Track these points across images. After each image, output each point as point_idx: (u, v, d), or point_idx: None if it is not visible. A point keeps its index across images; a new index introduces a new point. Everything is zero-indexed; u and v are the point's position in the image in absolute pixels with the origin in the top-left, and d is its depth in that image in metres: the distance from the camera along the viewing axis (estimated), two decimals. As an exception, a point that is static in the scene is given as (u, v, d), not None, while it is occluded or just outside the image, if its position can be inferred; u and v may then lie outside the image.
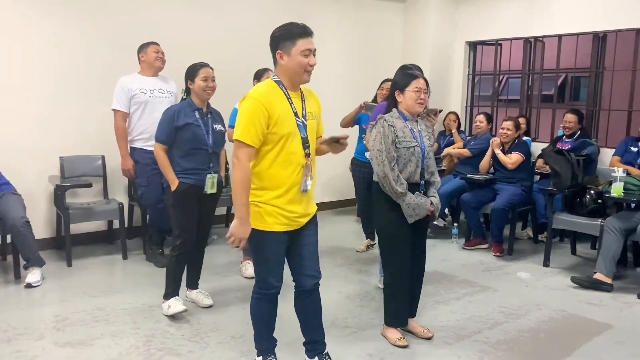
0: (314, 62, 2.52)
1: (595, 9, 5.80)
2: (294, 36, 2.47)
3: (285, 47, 2.49)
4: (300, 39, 2.47)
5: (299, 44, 2.47)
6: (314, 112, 2.67)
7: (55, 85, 4.87)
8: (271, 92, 2.53)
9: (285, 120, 2.50)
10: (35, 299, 3.89)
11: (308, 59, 2.49)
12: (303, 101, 2.62)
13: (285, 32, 2.50)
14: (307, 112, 2.61)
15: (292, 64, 2.50)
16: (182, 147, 3.51)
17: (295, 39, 2.47)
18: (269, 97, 2.49)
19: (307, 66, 2.50)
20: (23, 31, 4.69)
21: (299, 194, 2.58)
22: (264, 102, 2.46)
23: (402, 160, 3.09)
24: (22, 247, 4.09)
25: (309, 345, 2.88)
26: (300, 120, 2.56)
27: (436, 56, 7.05)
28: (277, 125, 2.48)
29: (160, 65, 4.54)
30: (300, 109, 2.59)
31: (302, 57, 2.48)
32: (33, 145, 4.80)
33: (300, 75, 2.52)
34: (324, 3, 6.55)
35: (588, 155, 5.11)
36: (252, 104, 2.46)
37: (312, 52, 2.51)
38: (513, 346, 3.28)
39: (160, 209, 4.43)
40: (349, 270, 4.59)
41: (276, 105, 2.49)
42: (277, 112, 2.48)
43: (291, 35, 2.48)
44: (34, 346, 3.14)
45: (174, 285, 3.59)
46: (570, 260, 5.02)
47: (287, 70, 2.53)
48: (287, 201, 2.56)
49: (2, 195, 4.18)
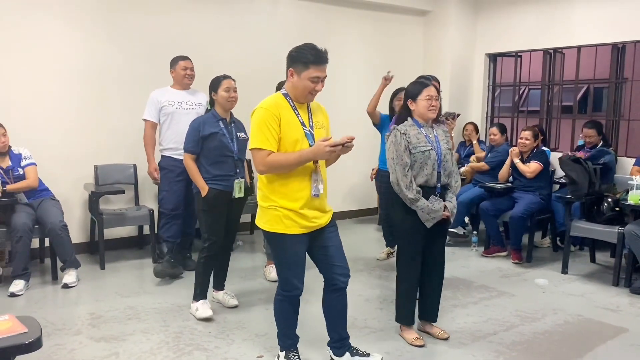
0: (320, 88, 2.69)
1: (614, 20, 5.88)
2: (308, 62, 2.63)
3: (297, 68, 2.65)
4: (313, 66, 2.63)
5: (310, 70, 2.63)
6: (322, 122, 2.84)
7: (90, 98, 5.15)
8: (279, 102, 2.72)
9: (293, 128, 2.68)
10: (72, 298, 4.13)
11: (315, 84, 2.66)
12: (310, 113, 2.79)
13: (300, 54, 2.65)
14: (314, 122, 2.78)
15: (300, 85, 2.67)
16: (210, 155, 3.72)
17: (308, 65, 2.63)
18: (277, 106, 2.68)
19: (312, 90, 2.68)
20: (61, 45, 5.00)
21: (311, 199, 2.73)
22: (273, 110, 2.65)
23: (418, 164, 3.23)
24: (59, 249, 4.35)
25: (337, 342, 3.01)
26: (307, 129, 2.72)
27: (456, 68, 7.18)
28: (285, 131, 2.66)
29: (188, 82, 4.73)
30: (307, 119, 2.76)
31: (310, 82, 2.65)
32: (70, 154, 5.08)
33: (304, 96, 2.71)
34: (346, 18, 6.76)
35: (605, 164, 5.18)
36: (262, 112, 2.66)
37: (322, 79, 2.68)
38: (527, 347, 3.37)
39: (176, 215, 4.60)
40: (370, 275, 4.73)
41: (284, 114, 2.67)
42: (285, 120, 2.66)
43: (305, 60, 2.64)
44: (71, 340, 3.36)
45: (202, 286, 3.78)
46: (589, 268, 5.07)
47: (294, 88, 2.72)
48: (301, 205, 2.71)
49: (42, 201, 4.45)
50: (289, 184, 2.70)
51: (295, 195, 2.71)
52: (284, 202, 2.71)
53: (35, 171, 4.43)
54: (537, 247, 5.64)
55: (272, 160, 2.63)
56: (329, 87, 2.98)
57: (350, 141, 2.60)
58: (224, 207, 3.74)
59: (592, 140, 5.57)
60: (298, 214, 2.71)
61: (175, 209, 4.60)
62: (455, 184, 3.40)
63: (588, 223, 4.80)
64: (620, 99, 6.34)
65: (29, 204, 4.39)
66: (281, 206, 2.71)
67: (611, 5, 5.90)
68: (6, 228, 4.27)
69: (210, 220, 3.73)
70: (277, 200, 2.72)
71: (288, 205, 2.71)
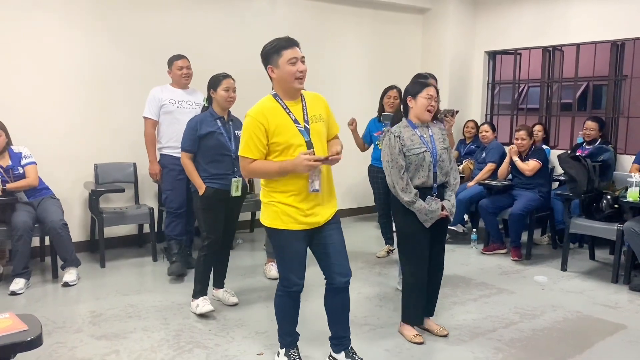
0: (303, 68, 2.69)
1: (613, 18, 5.88)
2: (279, 49, 2.65)
3: (273, 60, 2.67)
4: (285, 50, 2.65)
5: (284, 55, 2.64)
6: (320, 115, 2.81)
7: (90, 97, 5.16)
8: (267, 107, 2.72)
9: (284, 130, 2.69)
10: (72, 297, 4.14)
11: (296, 66, 2.65)
12: (304, 107, 2.78)
13: (270, 47, 2.69)
14: (309, 116, 2.77)
15: (282, 74, 2.67)
16: (207, 154, 3.73)
17: (280, 51, 2.65)
18: (264, 113, 2.69)
19: (296, 73, 2.66)
20: (60, 44, 5.00)
21: (310, 195, 2.74)
22: (260, 118, 2.66)
23: (413, 166, 3.24)
24: (60, 248, 4.36)
25: (335, 340, 3.02)
26: (301, 126, 2.73)
27: (455, 66, 7.19)
28: (277, 136, 2.68)
29: (185, 82, 4.74)
30: (301, 115, 2.75)
31: (290, 65, 2.65)
32: (70, 153, 5.09)
33: (291, 83, 2.68)
34: (344, 16, 6.76)
35: (604, 161, 5.18)
36: (248, 122, 2.69)
37: (300, 59, 2.67)
38: (527, 344, 3.38)
39: (181, 214, 4.62)
40: (369, 273, 4.74)
41: (272, 118, 2.68)
42: (273, 124, 2.67)
43: (276, 48, 2.66)
44: (72, 338, 3.37)
45: (202, 284, 3.78)
46: (588, 265, 5.08)
47: (279, 82, 2.72)
48: (299, 201, 2.73)
49: (42, 199, 4.46)
50: (288, 181, 2.72)
51: (293, 192, 2.73)
52: (283, 197, 2.74)
53: (35, 170, 4.44)
54: (536, 245, 5.65)
55: (254, 168, 2.71)
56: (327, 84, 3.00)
57: (336, 155, 2.68)
58: (222, 205, 3.75)
59: (592, 134, 5.57)
60: (296, 209, 2.73)
61: (181, 207, 4.62)
62: (454, 181, 3.40)
63: (587, 220, 4.82)
64: (620, 96, 6.35)
65: (29, 203, 4.39)
66: (279, 202, 2.74)
67: (610, 3, 5.91)
68: (6, 227, 4.27)
69: (209, 218, 3.74)
70: (276, 196, 2.75)
71: (286, 201, 2.73)
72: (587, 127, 5.62)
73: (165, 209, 4.83)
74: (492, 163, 5.71)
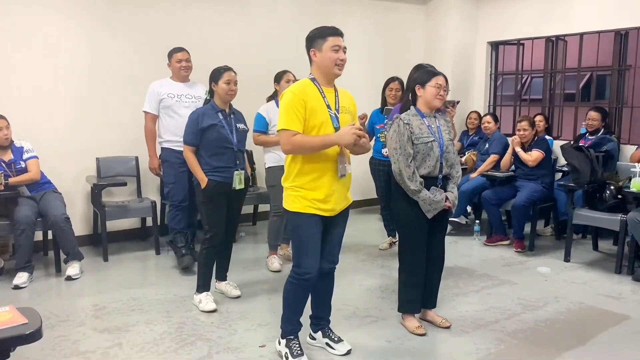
0: (344, 57, 2.81)
1: (616, 7, 5.83)
2: (325, 35, 2.78)
3: (318, 45, 2.79)
4: (331, 37, 2.78)
5: (329, 40, 2.77)
6: (348, 108, 2.93)
7: (91, 91, 5.15)
8: (306, 87, 2.82)
9: (318, 111, 2.78)
10: (75, 290, 4.16)
11: (338, 54, 2.78)
12: (337, 97, 2.89)
13: (317, 32, 2.82)
14: (340, 106, 2.88)
15: (324, 59, 2.78)
16: (209, 147, 3.71)
17: (326, 36, 2.78)
18: (304, 91, 2.78)
19: (337, 60, 2.78)
20: (61, 38, 4.99)
21: (335, 180, 2.82)
22: (301, 95, 2.76)
23: (421, 155, 3.22)
24: (62, 242, 4.36)
25: (315, 319, 3.16)
26: (332, 112, 2.82)
27: (458, 57, 7.15)
28: (311, 115, 2.76)
29: (185, 74, 4.71)
30: (334, 102, 2.86)
31: (332, 52, 2.77)
32: (72, 147, 5.09)
33: (331, 69, 2.80)
34: (347, 7, 6.72)
35: (607, 152, 5.16)
36: (290, 97, 2.76)
37: (342, 48, 2.80)
38: (529, 335, 3.38)
39: (185, 207, 4.62)
40: (372, 265, 4.73)
41: (309, 99, 2.77)
42: (310, 104, 2.76)
43: (322, 34, 2.79)
44: (75, 331, 3.38)
45: (205, 278, 3.79)
46: (591, 255, 5.07)
47: (319, 66, 2.82)
48: (320, 185, 2.80)
49: (44, 193, 4.46)
50: (313, 167, 2.79)
51: (316, 177, 2.80)
52: (304, 182, 2.81)
53: (37, 164, 4.45)
54: (539, 236, 5.63)
55: (297, 140, 2.73)
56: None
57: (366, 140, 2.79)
58: (224, 198, 3.74)
59: (595, 124, 5.53)
60: (315, 195, 2.80)
61: (184, 200, 4.62)
62: (456, 174, 3.40)
63: (590, 211, 4.80)
64: (623, 86, 6.30)
65: (32, 197, 4.40)
66: (299, 186, 2.81)
67: (614, -8, 5.86)
68: (9, 221, 4.28)
69: (211, 211, 3.74)
70: (297, 180, 2.82)
71: (307, 186, 2.80)
72: (589, 117, 5.59)
73: (169, 202, 4.82)
74: (495, 154, 5.68)
